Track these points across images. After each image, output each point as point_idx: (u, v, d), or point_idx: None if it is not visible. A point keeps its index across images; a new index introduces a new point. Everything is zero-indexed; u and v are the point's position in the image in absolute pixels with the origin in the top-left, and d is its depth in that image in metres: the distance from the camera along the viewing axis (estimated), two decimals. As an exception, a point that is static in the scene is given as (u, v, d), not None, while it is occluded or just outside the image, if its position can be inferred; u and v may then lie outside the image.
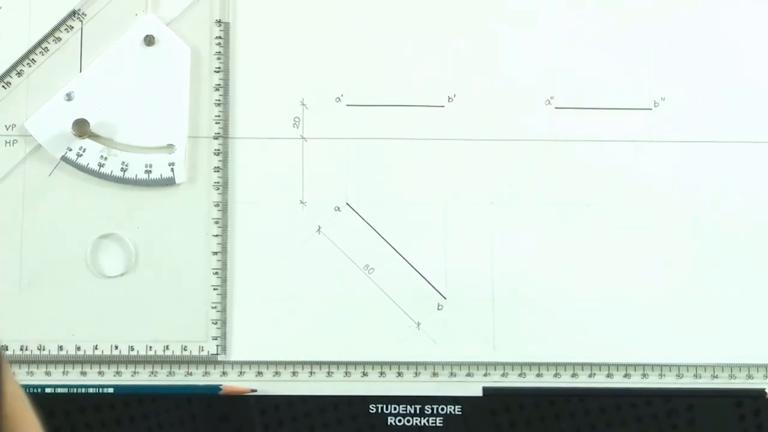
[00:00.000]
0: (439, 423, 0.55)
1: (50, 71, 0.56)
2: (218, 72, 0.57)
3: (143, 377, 0.55)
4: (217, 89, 0.57)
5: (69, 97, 0.56)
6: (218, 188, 0.56)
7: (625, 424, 0.54)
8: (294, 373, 0.55)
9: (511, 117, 0.57)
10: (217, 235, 0.56)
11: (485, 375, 0.55)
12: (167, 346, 0.55)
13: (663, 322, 0.56)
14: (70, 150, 0.55)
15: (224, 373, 0.55)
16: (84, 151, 0.55)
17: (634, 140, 0.57)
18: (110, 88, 0.56)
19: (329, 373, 0.55)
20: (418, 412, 0.55)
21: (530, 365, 0.55)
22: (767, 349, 0.56)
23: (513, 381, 0.55)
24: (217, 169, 0.56)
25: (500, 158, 0.56)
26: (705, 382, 0.56)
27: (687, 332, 0.56)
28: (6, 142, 0.56)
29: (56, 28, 0.57)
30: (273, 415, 0.54)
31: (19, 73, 0.56)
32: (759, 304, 0.56)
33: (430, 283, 0.56)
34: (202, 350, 0.55)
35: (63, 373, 0.55)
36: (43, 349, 0.55)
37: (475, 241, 0.56)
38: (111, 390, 0.54)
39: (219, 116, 0.57)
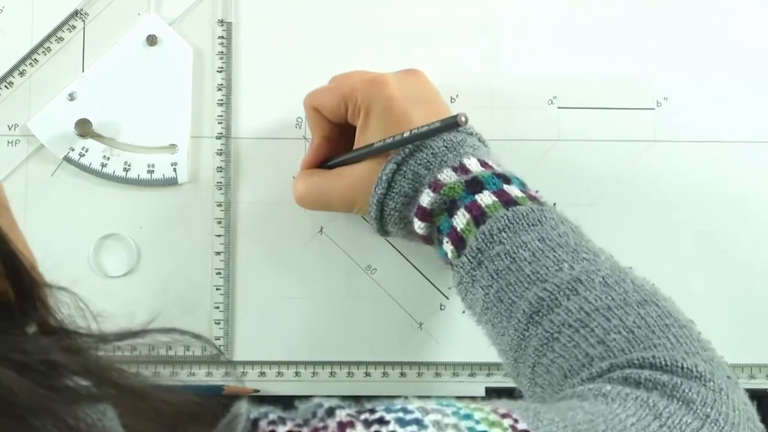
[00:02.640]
0: (442, 423, 0.55)
1: (53, 71, 0.56)
2: (221, 72, 0.57)
3: (146, 377, 0.55)
4: (220, 89, 0.57)
5: (71, 97, 0.56)
6: (221, 188, 0.56)
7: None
8: (297, 374, 0.55)
9: (513, 117, 0.57)
10: (220, 236, 0.56)
11: (488, 375, 0.55)
12: (170, 347, 0.55)
13: (665, 323, 0.56)
14: (73, 150, 0.55)
15: (227, 374, 0.55)
16: (86, 151, 0.55)
17: (637, 140, 0.57)
18: (113, 88, 0.56)
19: (332, 374, 0.55)
20: (420, 412, 0.55)
21: (533, 365, 0.55)
22: (769, 350, 0.56)
23: (515, 381, 0.55)
24: (219, 169, 0.56)
25: (502, 158, 0.56)
26: (707, 383, 0.55)
27: (689, 332, 0.56)
28: (9, 142, 0.56)
29: (58, 28, 0.56)
30: (276, 415, 0.54)
31: (21, 73, 0.56)
32: (761, 304, 0.56)
33: (432, 284, 0.56)
34: (205, 351, 0.55)
35: (66, 373, 0.55)
36: (46, 350, 0.55)
37: (477, 241, 0.56)
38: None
39: (221, 116, 0.57)
